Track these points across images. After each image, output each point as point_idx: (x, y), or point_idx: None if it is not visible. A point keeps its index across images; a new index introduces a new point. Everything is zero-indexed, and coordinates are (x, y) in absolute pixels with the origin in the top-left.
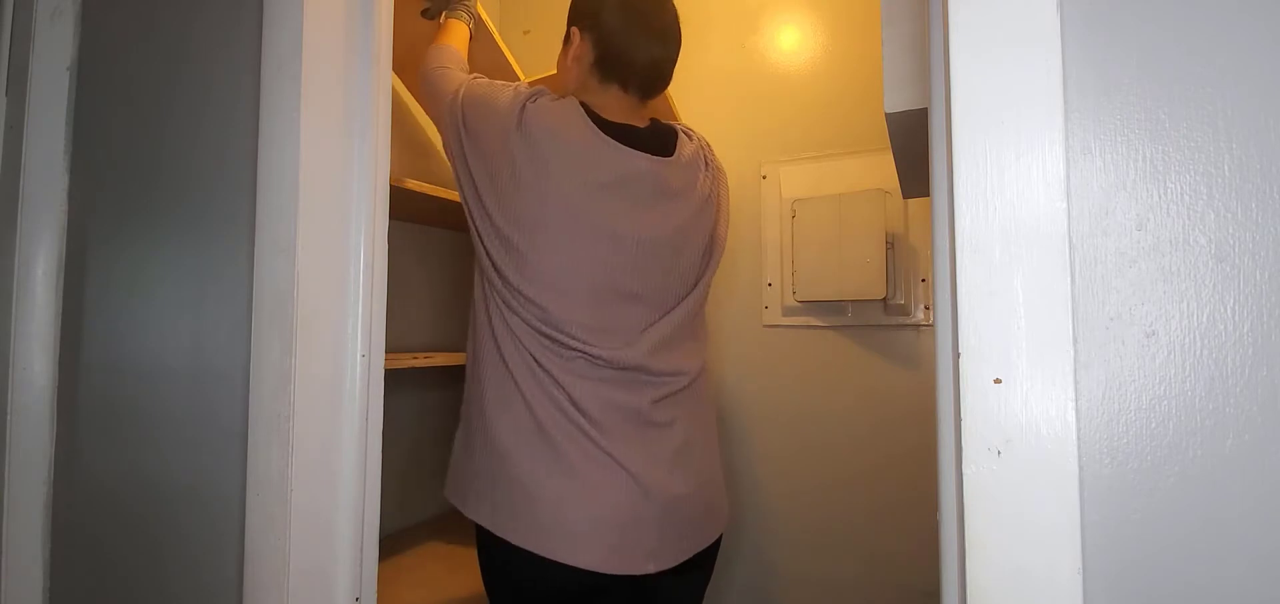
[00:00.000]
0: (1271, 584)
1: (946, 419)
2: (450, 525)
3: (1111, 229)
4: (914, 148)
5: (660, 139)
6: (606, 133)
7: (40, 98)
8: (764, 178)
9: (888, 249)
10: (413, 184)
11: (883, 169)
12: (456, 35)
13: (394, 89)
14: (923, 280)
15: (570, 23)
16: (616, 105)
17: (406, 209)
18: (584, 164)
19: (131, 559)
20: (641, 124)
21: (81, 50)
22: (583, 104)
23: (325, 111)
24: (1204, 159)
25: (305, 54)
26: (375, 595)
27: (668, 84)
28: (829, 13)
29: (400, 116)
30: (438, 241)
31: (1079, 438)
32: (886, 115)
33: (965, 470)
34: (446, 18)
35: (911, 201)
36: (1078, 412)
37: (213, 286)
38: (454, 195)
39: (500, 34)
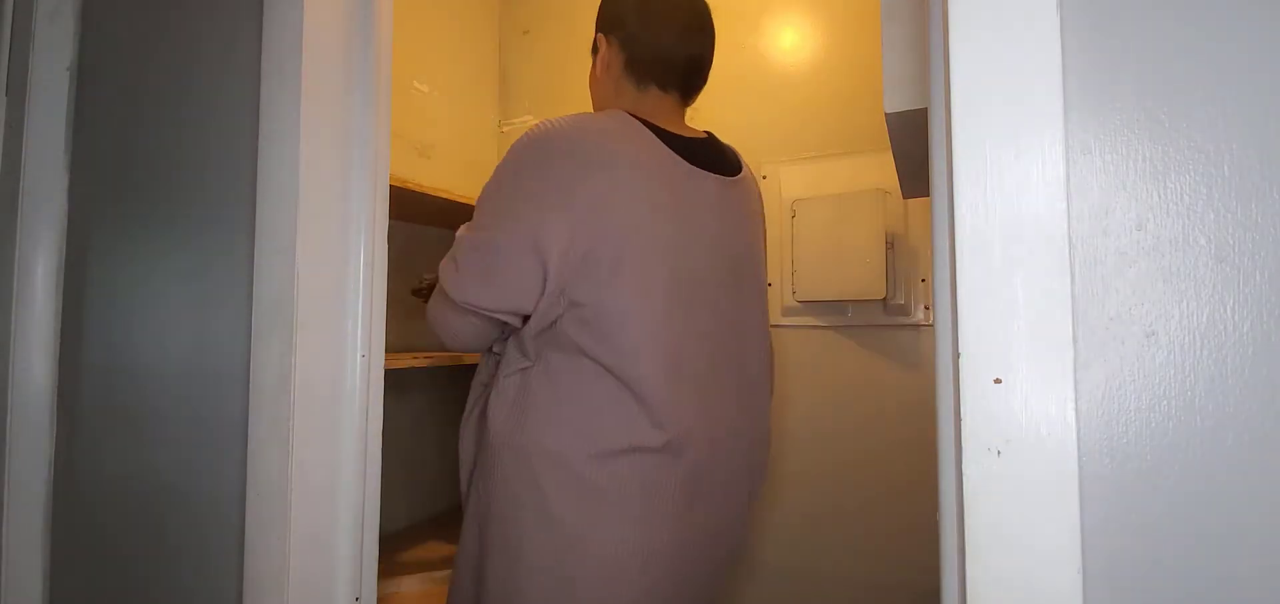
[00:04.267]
0: (1272, 584)
1: (946, 419)
2: (451, 525)
3: (1111, 229)
4: (914, 148)
5: (721, 155)
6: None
7: (40, 98)
8: (764, 178)
9: (888, 249)
10: (413, 184)
11: (883, 169)
12: None
13: (394, 88)
14: (923, 280)
15: (596, 32)
16: (657, 109)
17: (406, 209)
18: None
19: (131, 559)
20: (696, 133)
21: (81, 50)
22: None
23: (325, 112)
24: (1204, 159)
25: (305, 54)
26: (375, 595)
27: (706, 80)
28: (829, 13)
29: (400, 117)
30: (438, 241)
31: (1079, 438)
32: (886, 115)
33: (965, 470)
34: None
35: (911, 201)
36: (1078, 412)
37: (213, 286)
38: (453, 195)
39: (500, 34)
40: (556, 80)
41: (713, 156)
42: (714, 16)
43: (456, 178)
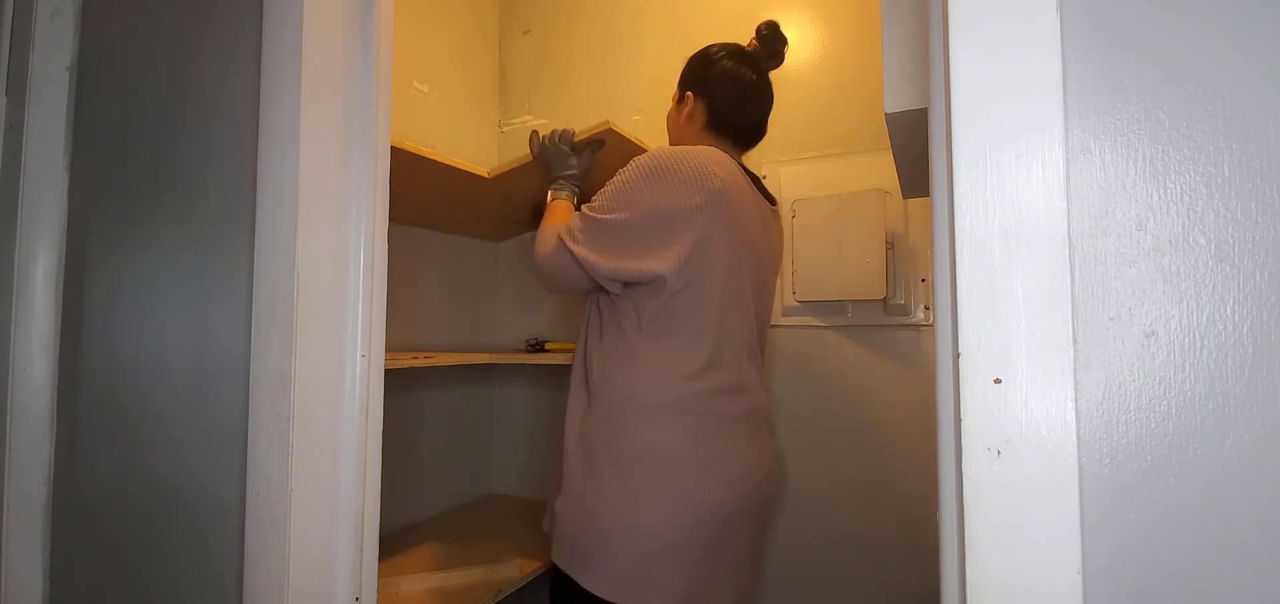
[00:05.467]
0: (1272, 584)
1: (946, 419)
2: (450, 525)
3: (1111, 229)
4: (914, 148)
5: (767, 192)
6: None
7: (40, 98)
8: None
9: (888, 249)
10: (412, 146)
11: (883, 169)
12: (561, 215)
13: (394, 88)
14: (923, 280)
15: (684, 88)
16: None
17: (407, 211)
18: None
19: (132, 560)
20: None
21: (81, 50)
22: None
23: (325, 111)
24: (1204, 159)
25: (305, 54)
26: (375, 595)
27: (764, 134)
28: (829, 13)
29: (400, 117)
30: (438, 242)
31: (1079, 438)
32: (886, 115)
33: (965, 470)
34: (552, 197)
35: (911, 201)
36: (1077, 412)
37: (213, 286)
38: (453, 161)
39: (500, 34)
40: (556, 80)
41: (764, 191)
42: (715, 16)
43: None
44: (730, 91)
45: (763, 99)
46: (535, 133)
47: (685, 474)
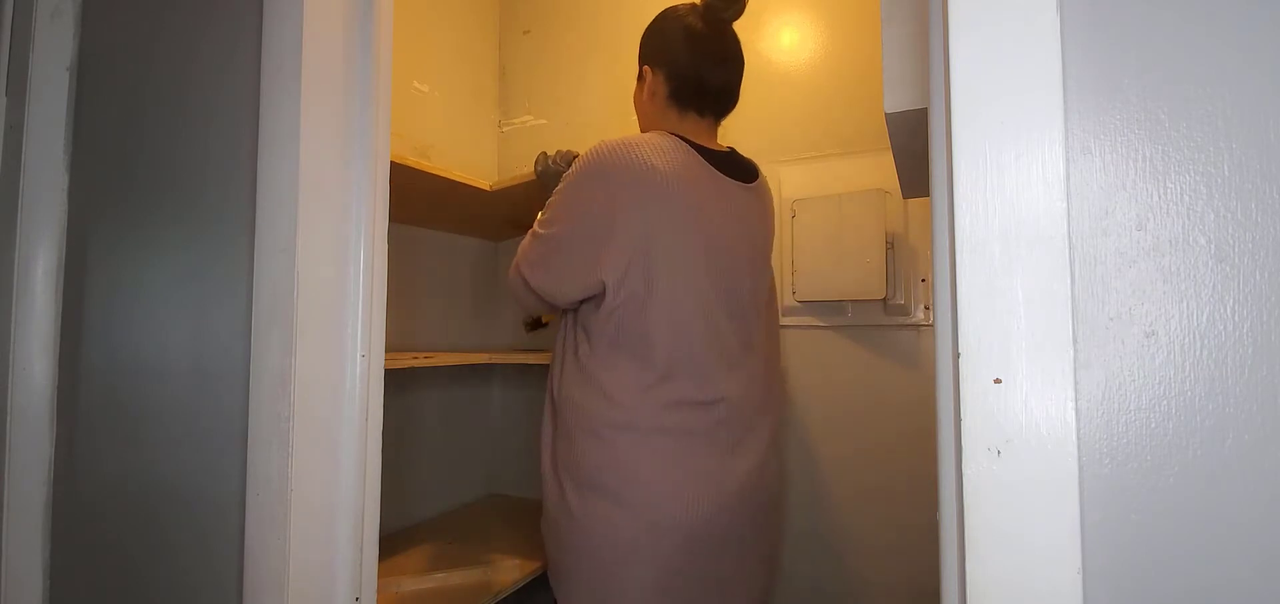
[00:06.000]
0: (1272, 585)
1: (946, 419)
2: (450, 525)
3: (1111, 229)
4: (914, 148)
5: (742, 166)
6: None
7: (40, 98)
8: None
9: (888, 249)
10: (412, 161)
11: (883, 169)
12: None
13: (394, 88)
14: (923, 280)
15: (641, 63)
16: (695, 129)
17: (408, 212)
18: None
19: (132, 560)
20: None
21: (81, 50)
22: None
23: (325, 111)
24: (1204, 159)
25: (305, 54)
26: (375, 595)
27: (737, 101)
28: (829, 13)
29: (400, 117)
30: (438, 242)
31: (1079, 438)
32: (886, 115)
33: (965, 470)
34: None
35: (911, 201)
36: (1077, 412)
37: (213, 286)
38: (452, 174)
39: (500, 34)
40: (556, 80)
41: (735, 166)
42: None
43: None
44: (684, 53)
45: (723, 56)
46: (542, 154)
47: (642, 493)
